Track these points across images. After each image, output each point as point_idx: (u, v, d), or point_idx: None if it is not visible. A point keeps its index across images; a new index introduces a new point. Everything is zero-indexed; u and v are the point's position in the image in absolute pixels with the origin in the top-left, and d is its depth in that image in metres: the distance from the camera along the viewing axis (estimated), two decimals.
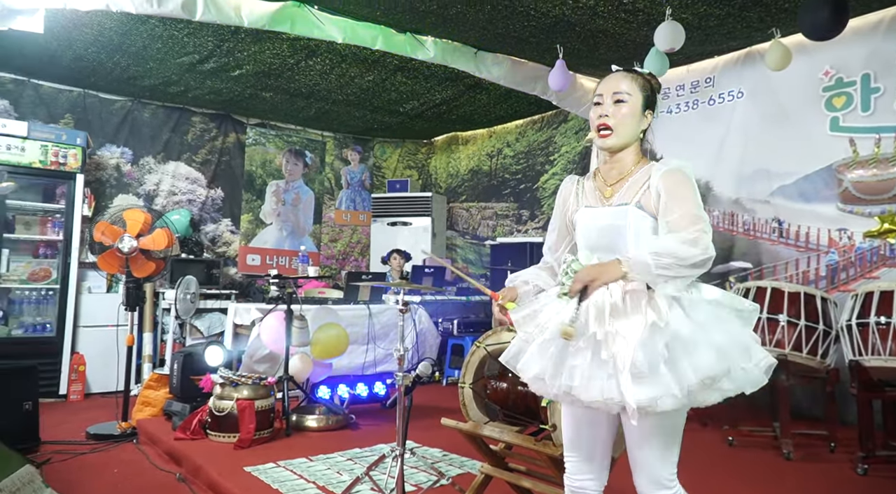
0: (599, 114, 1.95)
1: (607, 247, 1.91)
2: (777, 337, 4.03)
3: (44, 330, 5.63)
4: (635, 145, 1.98)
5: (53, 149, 5.59)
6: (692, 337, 1.69)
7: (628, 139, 1.95)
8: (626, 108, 1.92)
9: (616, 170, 1.99)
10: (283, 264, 7.63)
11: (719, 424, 4.46)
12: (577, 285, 1.77)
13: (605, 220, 1.93)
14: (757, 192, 5.16)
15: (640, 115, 1.95)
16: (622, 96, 1.93)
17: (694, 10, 4.39)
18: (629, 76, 1.97)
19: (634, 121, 1.94)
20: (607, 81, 1.98)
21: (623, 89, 1.93)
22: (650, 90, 1.98)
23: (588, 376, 1.74)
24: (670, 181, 1.84)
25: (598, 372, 1.73)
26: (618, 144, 1.95)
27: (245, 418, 3.88)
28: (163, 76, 5.96)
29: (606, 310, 1.76)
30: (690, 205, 1.81)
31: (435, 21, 4.73)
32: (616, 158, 1.99)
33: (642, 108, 1.95)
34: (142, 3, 3.80)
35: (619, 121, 1.92)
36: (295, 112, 7.24)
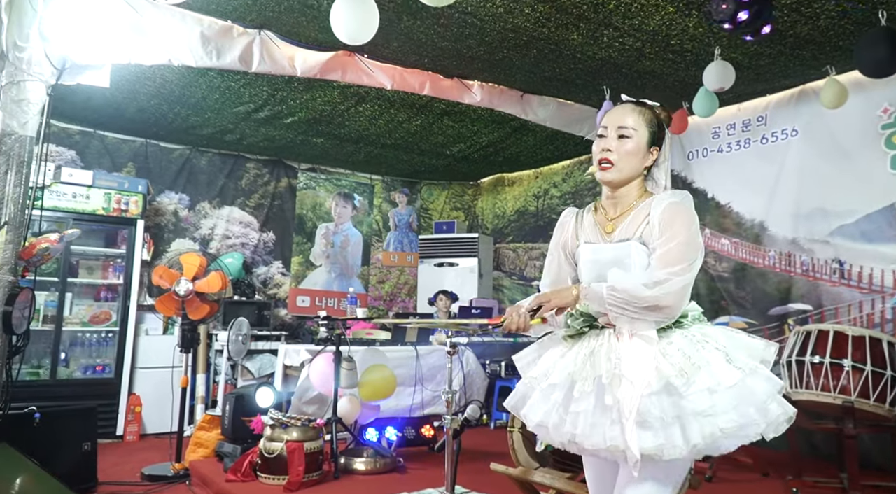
0: (602, 148, 1.91)
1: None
2: (842, 384, 3.85)
3: (103, 372, 5.78)
4: (639, 181, 1.93)
5: (116, 196, 5.83)
6: (705, 396, 1.63)
7: (630, 175, 1.90)
8: (631, 144, 1.88)
9: (618, 207, 1.94)
10: (331, 305, 7.71)
11: (782, 474, 4.27)
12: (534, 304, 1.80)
13: (607, 256, 1.89)
14: (815, 232, 5.02)
15: (645, 152, 1.90)
16: (627, 132, 1.88)
17: (744, 50, 4.36)
18: (636, 110, 1.92)
19: (637, 158, 1.89)
20: (613, 113, 1.94)
21: (629, 124, 1.89)
22: (657, 126, 1.93)
23: (591, 422, 1.70)
24: (668, 214, 1.80)
25: (602, 418, 1.69)
26: (618, 179, 1.90)
27: (294, 460, 3.89)
28: (220, 125, 6.19)
29: (613, 353, 1.73)
30: (678, 243, 1.75)
31: (481, 66, 4.81)
32: (618, 194, 1.94)
33: (647, 145, 1.90)
34: (201, 57, 3.97)
35: (621, 157, 1.88)
36: (344, 156, 7.40)
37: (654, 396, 1.64)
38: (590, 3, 3.77)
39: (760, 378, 1.70)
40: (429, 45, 4.44)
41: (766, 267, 5.33)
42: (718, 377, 1.65)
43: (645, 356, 1.69)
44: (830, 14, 3.84)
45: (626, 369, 1.68)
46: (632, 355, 1.70)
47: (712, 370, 1.66)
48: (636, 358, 1.69)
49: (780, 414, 1.68)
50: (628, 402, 1.63)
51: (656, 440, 1.62)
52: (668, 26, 4.04)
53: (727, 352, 1.71)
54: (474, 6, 3.85)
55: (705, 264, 5.76)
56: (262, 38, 4.17)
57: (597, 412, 1.70)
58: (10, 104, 3.30)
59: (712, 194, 5.77)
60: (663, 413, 1.63)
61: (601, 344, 1.78)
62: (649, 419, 1.63)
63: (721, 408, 1.63)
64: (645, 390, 1.64)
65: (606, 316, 1.80)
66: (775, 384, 1.72)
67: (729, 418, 1.62)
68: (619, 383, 1.67)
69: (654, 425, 1.63)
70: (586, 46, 4.38)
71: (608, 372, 1.69)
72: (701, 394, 1.63)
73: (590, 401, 1.71)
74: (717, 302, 5.67)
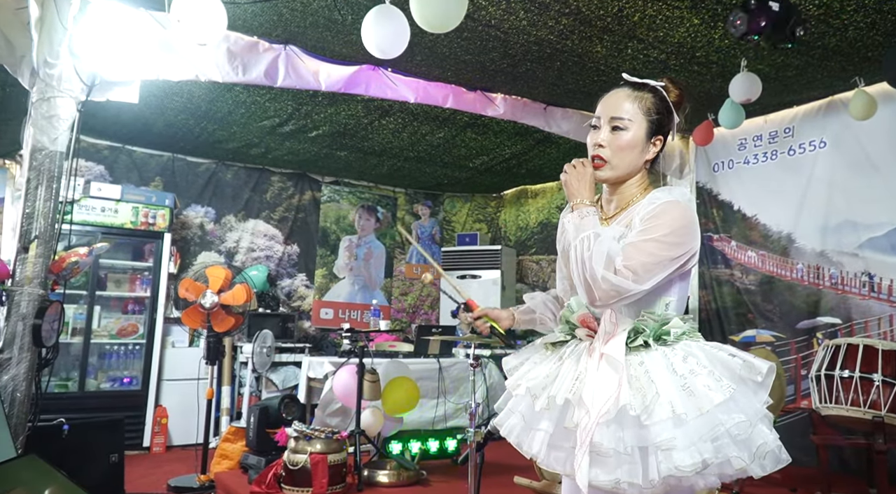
0: (594, 143, 1.67)
1: None
2: (872, 398, 3.78)
3: (130, 384, 5.85)
4: (639, 177, 1.71)
5: (144, 210, 5.91)
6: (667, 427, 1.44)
7: (627, 172, 1.68)
8: (626, 138, 1.64)
9: (615, 204, 1.74)
10: (355, 318, 7.73)
11: (811, 489, 4.18)
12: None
13: None
14: (844, 245, 4.93)
15: (644, 144, 1.66)
16: (621, 123, 1.64)
17: (770, 61, 4.32)
18: (633, 96, 1.66)
19: (635, 153, 1.65)
20: (606, 100, 1.69)
21: (623, 114, 1.64)
22: (659, 111, 1.67)
23: (549, 444, 1.56)
24: (652, 210, 1.58)
25: (562, 442, 1.55)
26: (613, 178, 1.68)
27: (318, 472, 3.89)
28: (245, 139, 6.26)
29: (578, 373, 1.56)
30: (651, 240, 1.53)
31: (504, 79, 4.82)
32: (617, 191, 1.72)
33: (647, 136, 1.66)
34: (228, 72, 4.03)
35: (615, 153, 1.65)
36: (368, 169, 7.44)
37: (612, 425, 1.47)
38: (614, 15, 3.76)
39: (740, 405, 1.49)
40: (452, 59, 4.46)
41: (794, 280, 5.25)
42: (688, 405, 1.45)
43: (608, 381, 1.50)
44: (859, 25, 3.79)
45: (586, 393, 1.50)
46: (595, 378, 1.52)
47: (681, 397, 1.47)
48: (599, 382, 1.51)
49: (763, 444, 1.47)
50: (582, 431, 1.47)
51: (612, 475, 1.46)
52: (694, 38, 4.01)
53: (706, 375, 1.50)
54: (497, 19, 3.86)
55: (732, 276, 5.69)
56: (288, 53, 4.22)
57: (557, 434, 1.56)
58: (40, 120, 3.37)
59: (738, 206, 5.70)
60: (622, 445, 1.46)
61: (572, 358, 1.63)
62: (603, 451, 1.46)
63: (684, 442, 1.43)
64: (602, 418, 1.47)
65: (584, 328, 1.64)
66: (758, 411, 1.50)
67: (692, 453, 1.42)
68: (576, 407, 1.51)
69: (609, 458, 1.46)
70: (610, 59, 4.37)
71: (564, 392, 1.54)
72: (663, 425, 1.44)
73: (550, 423, 1.57)
74: (743, 316, 5.59)
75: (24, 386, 3.20)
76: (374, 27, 3.35)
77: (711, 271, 5.87)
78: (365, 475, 4.27)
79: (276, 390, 6.29)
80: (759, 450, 1.47)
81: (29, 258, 3.27)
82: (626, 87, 1.70)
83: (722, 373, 1.51)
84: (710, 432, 1.44)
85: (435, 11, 3.13)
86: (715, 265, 5.86)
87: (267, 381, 6.38)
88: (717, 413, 1.46)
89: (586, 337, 1.64)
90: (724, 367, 1.53)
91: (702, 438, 1.44)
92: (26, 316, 3.22)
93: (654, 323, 1.60)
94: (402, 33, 3.37)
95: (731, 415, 1.47)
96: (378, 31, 3.36)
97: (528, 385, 1.63)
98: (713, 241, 5.88)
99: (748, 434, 1.47)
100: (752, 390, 1.52)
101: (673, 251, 1.55)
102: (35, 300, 3.25)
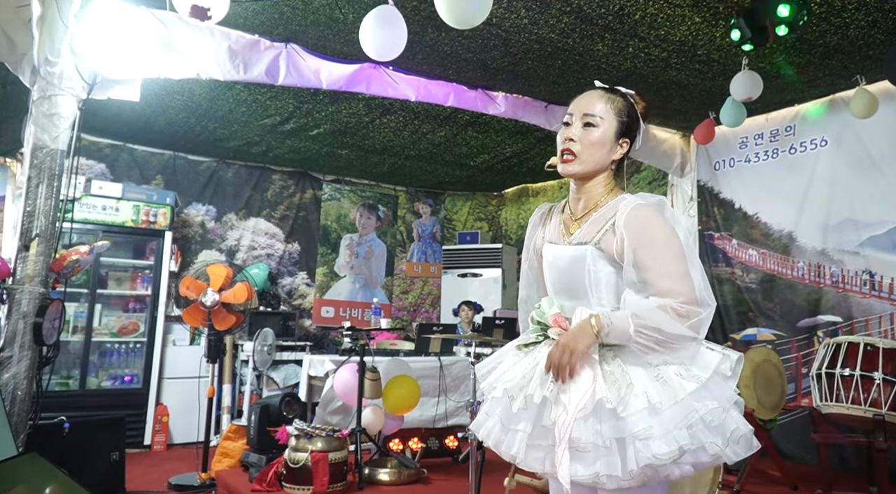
0: (566, 137, 1.74)
1: (570, 291, 1.73)
2: (872, 396, 3.78)
3: (131, 382, 5.85)
4: (605, 176, 1.77)
5: (145, 208, 5.92)
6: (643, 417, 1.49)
7: (595, 168, 1.74)
8: (596, 134, 1.71)
9: (584, 203, 1.78)
10: (355, 316, 7.74)
11: (811, 487, 4.19)
12: (552, 367, 1.57)
13: (564, 260, 1.73)
14: (845, 243, 4.93)
15: (613, 143, 1.73)
16: (593, 120, 1.72)
17: (772, 60, 4.32)
18: (605, 97, 1.75)
19: (604, 150, 1.72)
20: (580, 100, 1.78)
21: (595, 112, 1.72)
22: (628, 115, 1.75)
23: (528, 444, 1.60)
24: (638, 223, 1.62)
25: (540, 440, 1.58)
26: (580, 172, 1.74)
27: (319, 470, 3.89)
28: (246, 137, 6.26)
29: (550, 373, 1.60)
30: (670, 259, 1.58)
31: (506, 77, 4.82)
32: (583, 189, 1.78)
33: (616, 136, 1.73)
34: (229, 71, 4.03)
35: (586, 148, 1.71)
36: (369, 168, 7.44)
37: (589, 420, 1.52)
38: (615, 13, 3.76)
39: (712, 392, 1.55)
40: (453, 57, 4.46)
41: (795, 279, 5.25)
42: (663, 395, 1.51)
43: (583, 377, 1.56)
44: (860, 23, 3.78)
45: (563, 391, 1.56)
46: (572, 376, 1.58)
47: (655, 387, 1.53)
48: (575, 380, 1.56)
49: (736, 429, 1.53)
50: (560, 427, 1.52)
51: (591, 469, 1.50)
52: (695, 36, 4.01)
53: (677, 367, 1.57)
54: (499, 18, 3.86)
55: (732, 275, 5.69)
56: (289, 52, 4.22)
57: (535, 434, 1.60)
58: (41, 118, 3.37)
59: (740, 205, 5.70)
60: (601, 438, 1.51)
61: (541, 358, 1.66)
62: (582, 445, 1.51)
63: (660, 431, 1.48)
64: (579, 414, 1.52)
65: (557, 328, 1.68)
66: (730, 397, 1.57)
67: (669, 441, 1.47)
68: (553, 405, 1.55)
69: (587, 452, 1.51)
70: (611, 57, 4.36)
71: (540, 391, 1.58)
72: (639, 415, 1.49)
73: (528, 423, 1.61)
74: (744, 314, 5.59)
75: (25, 385, 3.20)
76: (371, 30, 3.35)
77: (712, 269, 5.86)
78: (366, 473, 4.28)
79: (277, 388, 6.30)
80: (733, 435, 1.53)
81: (30, 256, 3.27)
82: (597, 90, 1.78)
83: (694, 366, 1.57)
84: (684, 419, 1.49)
85: (463, 7, 3.13)
86: (716, 263, 5.86)
87: (268, 379, 6.38)
88: (691, 401, 1.51)
89: (559, 337, 1.67)
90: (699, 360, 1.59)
91: (677, 426, 1.49)
92: (27, 315, 3.22)
93: None
94: (400, 36, 3.37)
95: (704, 402, 1.52)
96: (376, 33, 3.36)
97: (505, 386, 1.67)
98: (714, 240, 5.88)
99: (721, 420, 1.52)
100: (723, 378, 1.58)
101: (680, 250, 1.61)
102: (36, 298, 3.25)
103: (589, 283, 1.68)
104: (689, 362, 1.58)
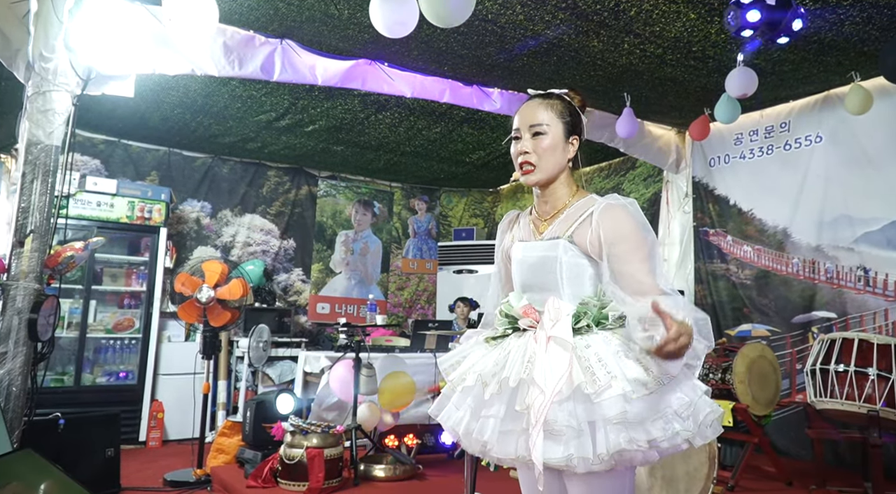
0: (520, 151, 1.81)
1: (540, 285, 1.78)
2: (867, 392, 3.79)
3: (126, 378, 5.85)
4: (565, 175, 1.85)
5: (140, 204, 5.90)
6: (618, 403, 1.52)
7: (554, 172, 1.82)
8: (547, 141, 1.79)
9: (550, 205, 1.85)
10: (351, 312, 7.74)
11: (806, 483, 4.20)
12: (668, 343, 1.45)
13: (536, 255, 1.79)
14: (840, 239, 4.95)
15: (564, 144, 1.82)
16: (540, 128, 1.80)
17: (767, 56, 4.32)
18: (544, 103, 1.83)
19: (557, 153, 1.81)
20: (523, 112, 1.85)
21: (540, 120, 1.80)
22: (571, 113, 1.84)
23: (500, 430, 1.62)
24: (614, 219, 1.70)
25: (512, 425, 1.61)
26: (543, 179, 1.82)
27: (314, 467, 3.90)
28: (241, 133, 6.25)
29: (527, 356, 1.64)
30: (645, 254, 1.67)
31: (501, 74, 4.81)
32: (548, 192, 1.85)
33: (565, 137, 1.82)
34: (224, 67, 4.02)
35: (541, 156, 1.79)
36: (364, 164, 7.43)
37: (564, 403, 1.55)
38: (610, 10, 3.76)
39: (681, 382, 1.60)
40: (449, 53, 4.45)
41: (790, 275, 5.26)
42: (637, 383, 1.54)
43: (559, 361, 1.59)
44: (855, 20, 3.79)
45: (538, 374, 1.58)
46: (545, 359, 1.61)
47: (631, 375, 1.55)
48: (549, 363, 1.60)
49: (709, 413, 1.59)
50: (536, 410, 1.54)
51: (565, 451, 1.53)
52: (690, 33, 4.01)
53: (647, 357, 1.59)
54: (494, 14, 3.85)
55: (727, 271, 5.71)
56: (284, 48, 4.21)
57: (507, 419, 1.62)
58: (36, 114, 3.36)
59: (734, 201, 5.72)
60: (575, 420, 1.54)
61: (518, 346, 1.70)
62: (557, 428, 1.54)
63: (636, 417, 1.52)
64: (556, 397, 1.54)
65: (527, 318, 1.72)
66: (695, 386, 1.63)
67: (644, 429, 1.52)
68: (527, 389, 1.58)
69: (562, 435, 1.54)
70: (607, 53, 4.36)
71: (516, 374, 1.61)
72: (614, 401, 1.52)
73: (500, 407, 1.64)
74: (739, 310, 5.61)
75: (20, 381, 3.19)
76: (380, 6, 3.27)
77: (707, 266, 5.88)
78: (361, 469, 4.28)
79: (273, 385, 6.30)
80: (705, 420, 1.59)
81: (24, 252, 3.27)
82: (535, 99, 1.86)
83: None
84: (660, 406, 1.55)
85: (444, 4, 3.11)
86: (711, 260, 5.87)
87: (263, 376, 6.38)
88: (663, 393, 1.56)
89: (529, 327, 1.74)
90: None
91: (654, 413, 1.54)
92: (22, 311, 3.21)
93: (594, 308, 1.71)
94: (412, 12, 3.28)
95: (675, 394, 1.57)
96: (385, 9, 3.27)
97: (479, 372, 1.71)
98: (709, 236, 5.89)
99: (691, 410, 1.58)
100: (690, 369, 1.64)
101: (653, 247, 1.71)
102: (31, 294, 3.24)
103: (560, 275, 1.74)
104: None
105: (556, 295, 1.73)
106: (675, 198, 6.18)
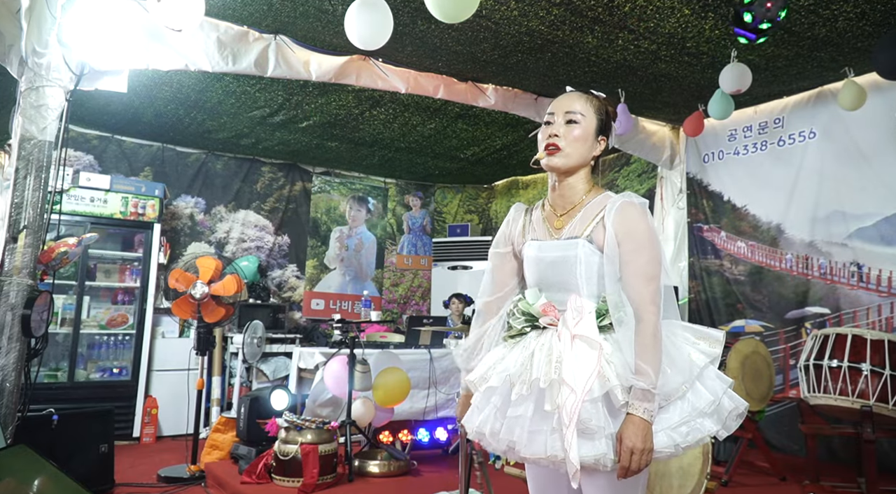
0: (549, 134, 1.83)
1: (558, 284, 1.77)
2: (860, 388, 3.81)
3: (120, 374, 5.83)
4: (586, 171, 1.85)
5: (133, 200, 5.88)
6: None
7: (578, 162, 1.81)
8: (579, 130, 1.80)
9: (566, 199, 1.85)
10: (345, 308, 7.73)
11: (799, 478, 4.23)
12: (626, 474, 1.56)
13: (554, 254, 1.78)
14: (833, 235, 4.97)
15: (593, 140, 1.82)
16: (575, 117, 1.81)
17: (760, 52, 4.33)
18: (584, 97, 1.85)
19: (586, 145, 1.81)
20: (560, 100, 1.87)
21: (576, 109, 1.81)
22: (605, 114, 1.86)
23: (530, 429, 1.62)
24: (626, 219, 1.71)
25: (541, 425, 1.61)
26: (566, 165, 1.81)
27: (309, 463, 3.90)
28: (235, 129, 6.23)
29: (554, 356, 1.64)
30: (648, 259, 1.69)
31: (496, 70, 4.81)
32: (565, 184, 1.85)
33: (595, 133, 1.83)
34: (218, 62, 4.00)
35: (570, 143, 1.80)
36: (359, 160, 7.42)
37: (596, 403, 1.57)
38: (605, 6, 3.76)
39: (709, 378, 1.69)
40: (443, 49, 4.45)
41: (783, 270, 5.29)
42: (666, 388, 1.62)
43: (588, 360, 1.60)
44: (848, 15, 3.80)
45: (567, 374, 1.59)
46: (573, 359, 1.61)
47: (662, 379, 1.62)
48: (578, 362, 1.60)
49: (732, 410, 1.67)
50: (569, 409, 1.54)
51: (596, 449, 1.55)
52: (684, 29, 4.02)
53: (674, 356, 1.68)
54: (488, 10, 3.85)
55: (721, 267, 5.72)
56: (278, 43, 4.20)
57: (536, 418, 1.62)
58: (29, 109, 3.34)
59: (728, 197, 5.73)
60: (605, 421, 1.57)
61: (542, 344, 1.69)
62: (590, 427, 1.55)
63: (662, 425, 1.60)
64: (586, 396, 1.55)
65: (547, 316, 1.73)
66: (724, 380, 1.71)
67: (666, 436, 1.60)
68: (558, 388, 1.58)
69: (594, 434, 1.56)
70: (601, 49, 4.36)
71: (546, 375, 1.61)
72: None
73: (528, 407, 1.63)
74: (732, 306, 5.63)
75: (14, 377, 3.18)
76: (356, 18, 3.34)
77: (701, 261, 5.90)
78: (356, 465, 4.29)
79: (267, 380, 6.30)
80: (731, 415, 1.66)
81: (18, 248, 3.25)
82: (575, 92, 1.89)
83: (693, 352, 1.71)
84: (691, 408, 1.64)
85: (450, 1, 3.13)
86: (704, 255, 5.89)
87: (258, 372, 6.37)
88: (694, 391, 1.64)
89: (549, 325, 1.73)
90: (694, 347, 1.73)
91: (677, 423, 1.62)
92: (15, 307, 3.20)
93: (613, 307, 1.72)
94: (385, 25, 3.35)
95: (700, 396, 1.66)
96: (361, 22, 3.34)
97: (507, 373, 1.70)
98: (703, 232, 5.91)
99: (719, 404, 1.65)
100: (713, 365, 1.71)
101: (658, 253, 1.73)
102: (24, 290, 3.23)
103: (580, 274, 1.73)
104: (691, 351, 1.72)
105: (576, 294, 1.73)
106: (670, 194, 6.20)
